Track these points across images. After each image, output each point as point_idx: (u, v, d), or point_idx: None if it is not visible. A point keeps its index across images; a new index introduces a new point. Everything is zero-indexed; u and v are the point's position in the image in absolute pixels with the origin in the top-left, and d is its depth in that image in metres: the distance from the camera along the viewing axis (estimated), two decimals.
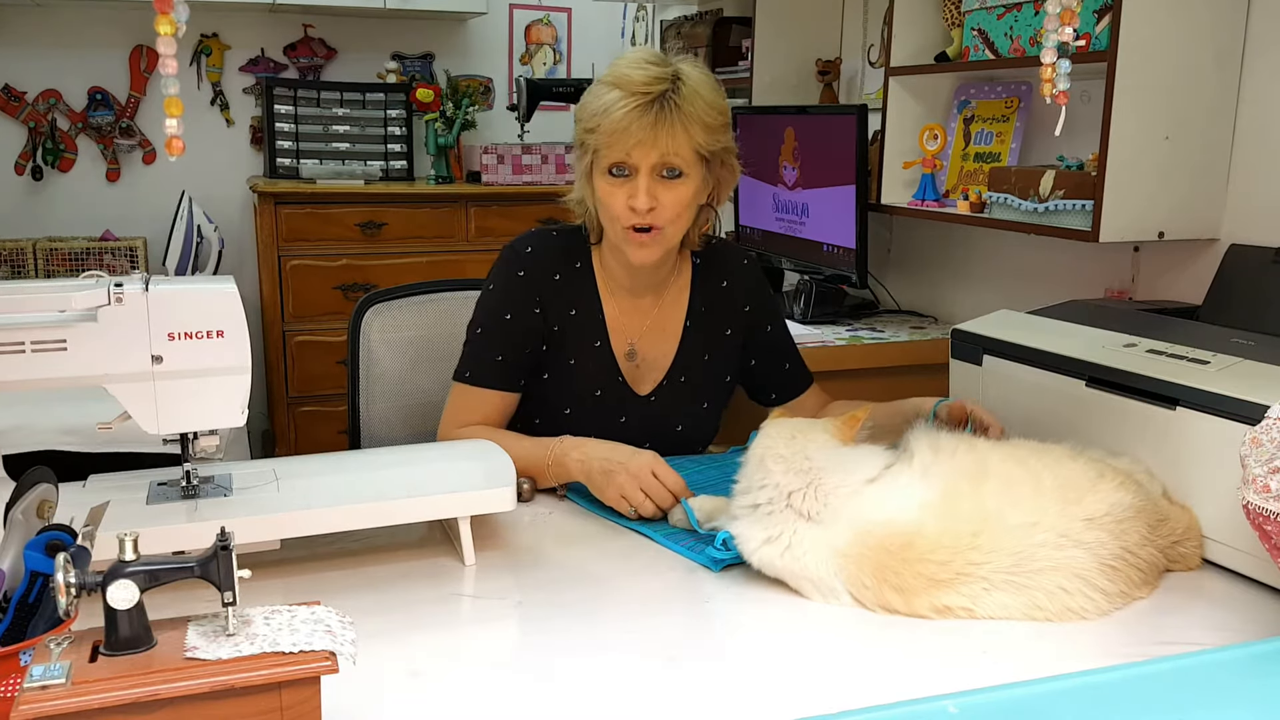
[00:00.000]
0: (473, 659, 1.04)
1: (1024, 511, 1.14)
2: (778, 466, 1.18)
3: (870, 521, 1.13)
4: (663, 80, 1.47)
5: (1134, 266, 2.13)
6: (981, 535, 1.12)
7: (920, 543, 1.11)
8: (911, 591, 1.10)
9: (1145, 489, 1.24)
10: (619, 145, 1.47)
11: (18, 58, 3.88)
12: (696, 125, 1.47)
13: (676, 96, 1.46)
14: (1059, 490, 1.17)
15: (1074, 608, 1.11)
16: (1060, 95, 1.05)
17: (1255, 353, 1.31)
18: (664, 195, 1.49)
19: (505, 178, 4.02)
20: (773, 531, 1.16)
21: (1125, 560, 1.15)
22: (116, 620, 0.76)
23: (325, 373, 3.79)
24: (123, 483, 1.22)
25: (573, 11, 4.54)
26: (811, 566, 1.13)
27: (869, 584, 1.11)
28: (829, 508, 1.15)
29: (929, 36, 2.43)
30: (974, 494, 1.16)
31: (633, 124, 1.45)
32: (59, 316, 1.07)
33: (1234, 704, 0.87)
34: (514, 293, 1.58)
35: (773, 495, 1.17)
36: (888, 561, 1.11)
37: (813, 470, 1.17)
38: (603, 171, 1.50)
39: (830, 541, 1.14)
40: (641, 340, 1.63)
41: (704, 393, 1.67)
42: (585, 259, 1.62)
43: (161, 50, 0.80)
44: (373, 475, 1.28)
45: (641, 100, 1.45)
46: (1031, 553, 1.11)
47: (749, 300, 1.69)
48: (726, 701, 0.96)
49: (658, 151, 1.46)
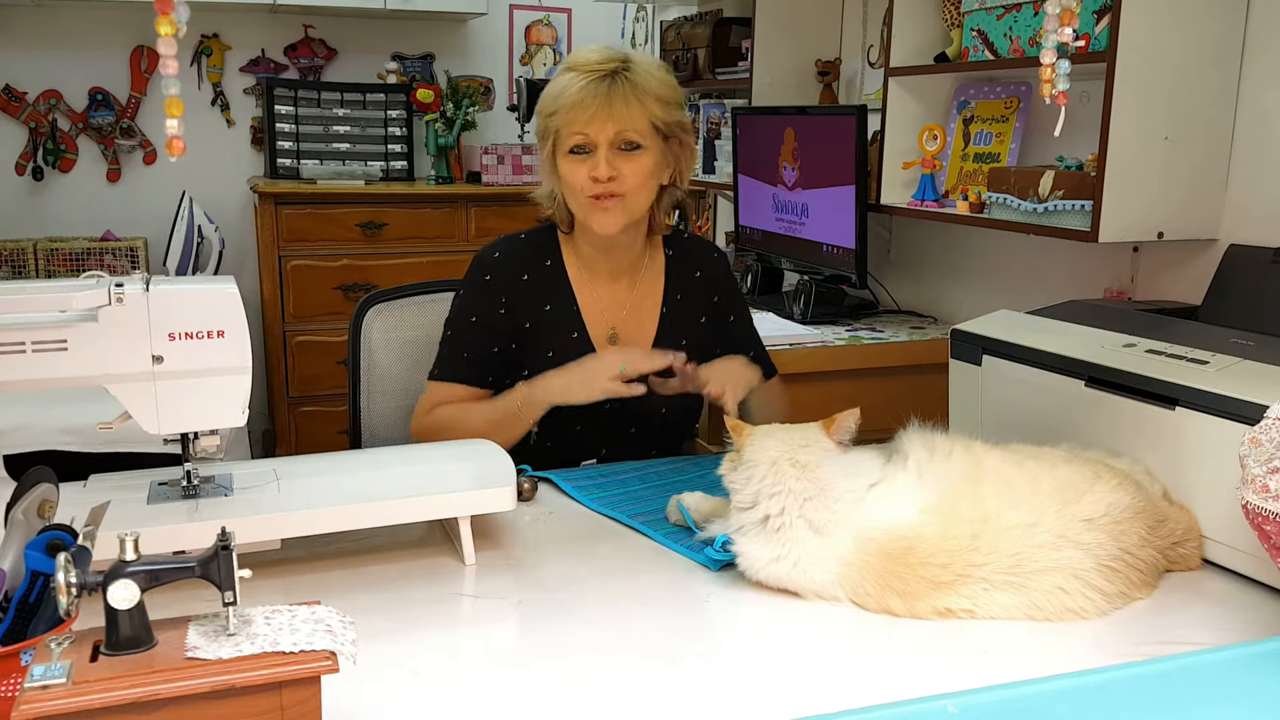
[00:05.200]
0: (473, 659, 1.04)
1: (1022, 512, 1.14)
2: (792, 471, 1.16)
3: (872, 528, 1.13)
4: (614, 60, 1.57)
5: (1133, 267, 2.13)
6: (981, 537, 1.12)
7: (921, 546, 1.11)
8: (914, 596, 1.10)
9: (1144, 489, 1.24)
10: (577, 121, 1.55)
11: (18, 58, 3.89)
12: (650, 98, 1.57)
13: (628, 72, 1.57)
14: (1057, 491, 1.17)
15: (1073, 607, 1.11)
16: (1060, 96, 1.05)
17: (1254, 353, 1.31)
18: (624, 166, 1.57)
19: (505, 178, 4.02)
20: (781, 550, 1.14)
21: (1124, 561, 1.15)
22: (117, 620, 0.77)
23: (325, 373, 3.79)
24: (123, 482, 1.22)
25: (573, 12, 4.54)
26: (817, 579, 1.13)
27: (871, 591, 1.11)
28: (836, 515, 1.14)
29: (928, 37, 2.43)
30: (972, 496, 1.16)
31: (587, 98, 1.55)
32: (60, 316, 1.08)
33: (1233, 704, 0.88)
34: (480, 297, 1.66)
35: (785, 504, 1.14)
36: (889, 567, 1.11)
37: (822, 477, 1.16)
38: (564, 154, 1.59)
39: (834, 551, 1.13)
40: (622, 324, 1.69)
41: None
42: (555, 255, 1.69)
43: (162, 51, 0.80)
44: (373, 475, 1.29)
45: (594, 76, 1.56)
46: (1030, 554, 1.12)
47: (718, 291, 1.77)
48: (726, 701, 0.96)
49: (614, 124, 1.55)
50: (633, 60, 1.58)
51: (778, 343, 2.36)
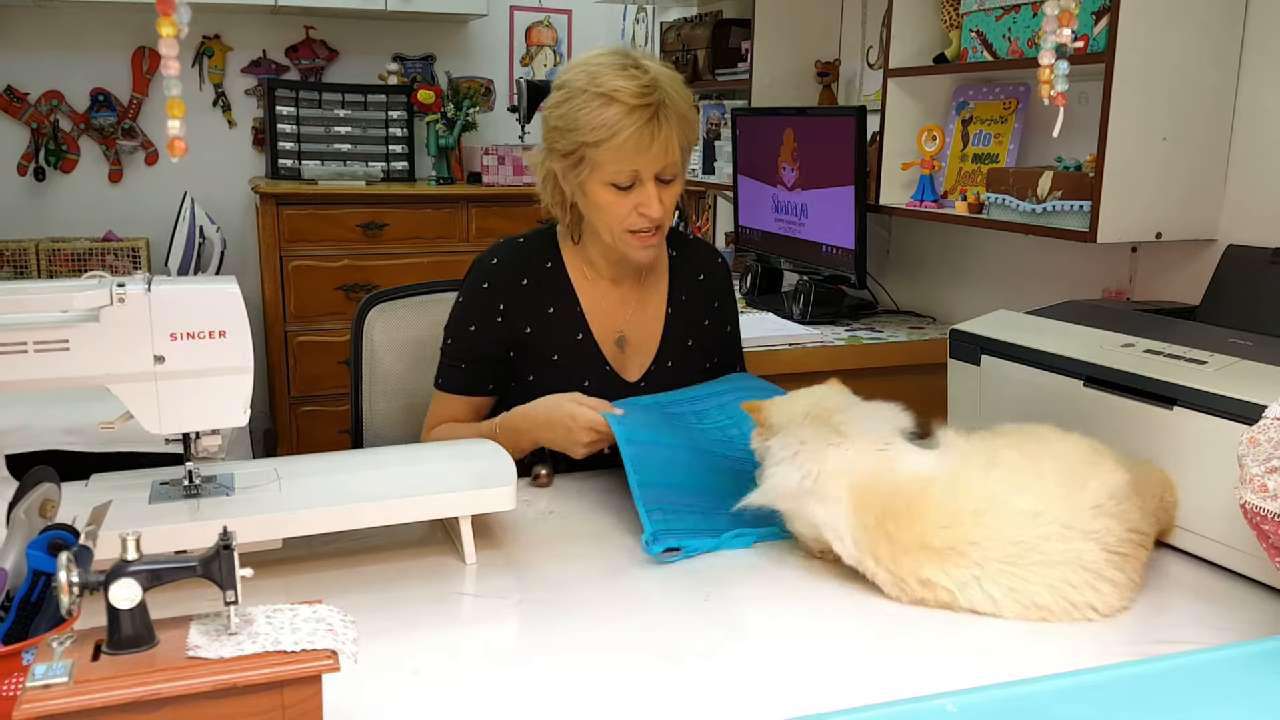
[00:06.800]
0: (473, 658, 1.04)
1: (1027, 502, 1.13)
2: (820, 419, 1.23)
3: (889, 469, 1.17)
4: (651, 88, 1.49)
5: (1131, 267, 2.14)
6: (985, 515, 1.12)
7: (925, 501, 1.13)
8: (902, 547, 1.12)
9: (1123, 460, 1.23)
10: (626, 160, 1.50)
11: (20, 59, 3.89)
12: (685, 124, 1.54)
13: (667, 101, 1.50)
14: (1061, 478, 1.15)
15: (1078, 603, 1.09)
16: (1058, 96, 1.06)
17: (1253, 353, 1.31)
18: (665, 197, 1.55)
19: (506, 178, 4.02)
20: (806, 469, 1.19)
21: (1132, 542, 1.14)
22: (119, 619, 0.77)
23: (326, 373, 3.80)
24: (125, 482, 1.22)
25: (573, 13, 4.54)
26: (831, 495, 1.17)
27: (870, 524, 1.13)
28: (859, 451, 1.19)
29: (927, 38, 2.44)
30: (983, 478, 1.16)
31: (642, 138, 1.48)
32: (61, 317, 1.08)
33: (1232, 703, 0.88)
34: (477, 306, 1.64)
35: (815, 442, 1.21)
36: (893, 505, 1.13)
37: (849, 421, 1.22)
38: (602, 183, 1.53)
39: (851, 469, 1.17)
40: (629, 324, 1.68)
41: (689, 378, 1.71)
42: (556, 258, 1.67)
43: (164, 52, 0.80)
44: (374, 475, 1.29)
45: (644, 114, 1.48)
46: (1034, 544, 1.10)
47: (719, 298, 1.77)
48: (726, 701, 0.96)
49: (664, 160, 1.52)
50: (665, 86, 1.51)
51: (777, 343, 2.36)
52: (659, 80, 1.51)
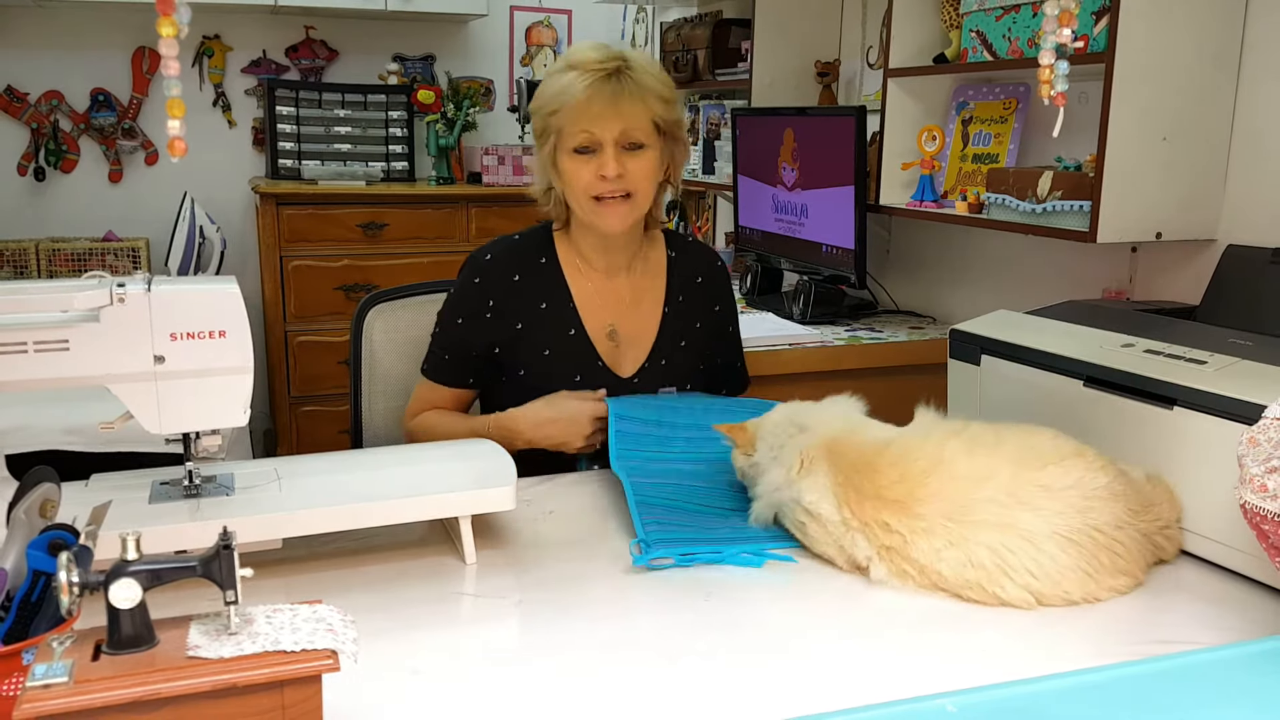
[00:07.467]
0: (473, 658, 1.04)
1: (976, 466, 1.18)
2: (796, 422, 1.33)
3: (857, 435, 1.28)
4: (614, 58, 1.57)
5: (1131, 267, 2.14)
6: (931, 475, 1.17)
7: (884, 456, 1.22)
8: (865, 495, 1.19)
9: (1128, 475, 1.24)
10: (582, 120, 1.55)
11: (20, 59, 3.89)
12: (652, 97, 1.58)
13: (630, 71, 1.57)
14: (1018, 455, 1.19)
15: (1017, 568, 1.12)
16: (1058, 96, 1.06)
17: (1252, 353, 1.31)
18: (630, 165, 1.58)
19: (506, 179, 4.03)
20: (790, 460, 1.28)
21: (1091, 538, 1.15)
22: (119, 619, 0.77)
23: (326, 373, 3.80)
24: (125, 482, 1.22)
25: (573, 14, 4.54)
26: (811, 465, 1.26)
27: (842, 480, 1.22)
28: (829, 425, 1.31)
29: (927, 38, 2.44)
30: (939, 443, 1.22)
31: (594, 97, 1.54)
32: (61, 317, 1.08)
33: (1232, 703, 0.88)
34: (468, 300, 1.66)
35: (792, 440, 1.31)
36: (859, 461, 1.22)
37: (817, 411, 1.35)
38: (567, 152, 1.58)
39: (823, 442, 1.27)
40: (621, 319, 1.69)
41: (682, 378, 1.72)
42: (550, 253, 1.69)
43: (164, 52, 0.80)
44: (374, 475, 1.29)
45: (598, 75, 1.55)
46: (972, 506, 1.15)
47: (718, 300, 1.79)
48: (726, 701, 0.96)
49: (620, 123, 1.56)
50: (631, 59, 1.59)
51: (777, 343, 2.36)
52: (625, 55, 1.59)
